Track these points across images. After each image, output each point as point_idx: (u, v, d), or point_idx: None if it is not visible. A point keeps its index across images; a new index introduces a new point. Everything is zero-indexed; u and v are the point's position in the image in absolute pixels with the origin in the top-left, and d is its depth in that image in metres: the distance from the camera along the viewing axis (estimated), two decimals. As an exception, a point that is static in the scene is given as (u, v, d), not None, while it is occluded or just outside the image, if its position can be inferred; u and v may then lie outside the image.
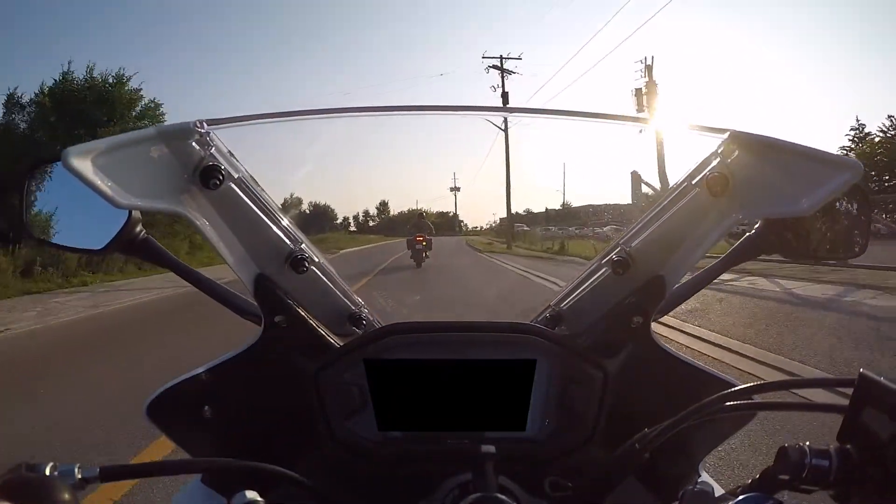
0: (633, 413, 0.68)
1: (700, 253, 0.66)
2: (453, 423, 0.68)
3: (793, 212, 0.58)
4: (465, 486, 0.60)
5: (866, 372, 0.45)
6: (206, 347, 4.14)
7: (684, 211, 0.65)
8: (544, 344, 0.68)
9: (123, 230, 0.67)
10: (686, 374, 0.70)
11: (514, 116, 0.77)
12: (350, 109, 0.67)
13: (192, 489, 0.68)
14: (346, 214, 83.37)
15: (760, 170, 0.58)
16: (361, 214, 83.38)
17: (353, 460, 0.68)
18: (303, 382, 0.68)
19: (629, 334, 0.69)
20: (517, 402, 0.68)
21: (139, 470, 0.49)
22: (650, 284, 0.68)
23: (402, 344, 0.67)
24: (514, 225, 33.62)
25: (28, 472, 0.41)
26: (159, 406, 0.65)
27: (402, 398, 0.67)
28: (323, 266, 0.74)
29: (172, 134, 0.57)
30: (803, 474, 0.44)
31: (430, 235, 13.32)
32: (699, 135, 0.62)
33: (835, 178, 0.53)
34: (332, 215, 70.01)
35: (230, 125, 0.60)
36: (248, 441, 0.69)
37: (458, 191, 65.86)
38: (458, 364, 0.67)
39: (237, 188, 0.63)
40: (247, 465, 0.53)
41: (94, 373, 4.50)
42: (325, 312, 0.76)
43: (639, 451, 0.58)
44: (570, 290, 0.80)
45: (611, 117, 0.65)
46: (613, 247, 0.73)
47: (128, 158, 0.54)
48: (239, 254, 0.67)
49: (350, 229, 75.93)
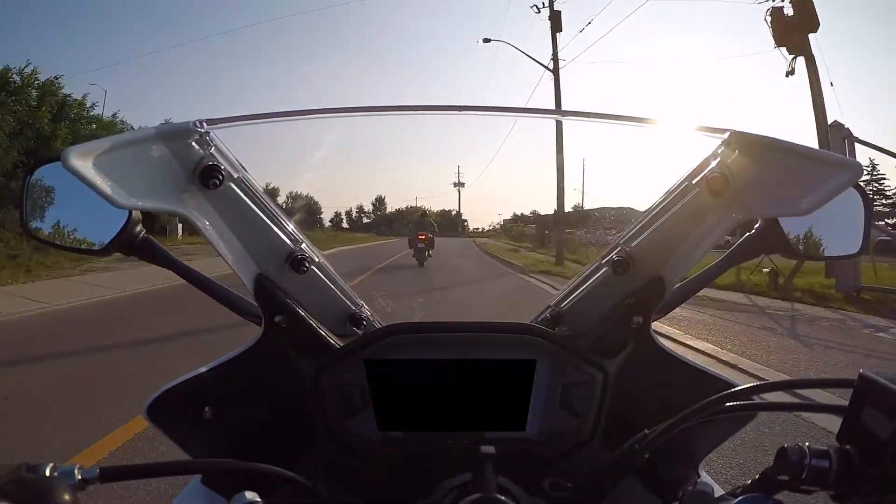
0: (633, 413, 0.68)
1: (700, 253, 0.66)
2: (453, 424, 0.68)
3: (793, 212, 0.58)
4: (465, 486, 0.60)
5: (866, 372, 0.45)
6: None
7: (684, 211, 0.65)
8: (544, 344, 0.68)
9: (123, 230, 0.67)
10: (686, 375, 0.70)
11: (523, 116, 0.77)
12: (350, 109, 0.67)
13: (192, 490, 0.68)
14: (338, 209, 77.35)
15: (760, 170, 0.58)
16: (355, 210, 79.36)
17: (353, 460, 0.68)
18: (303, 383, 0.68)
19: (629, 334, 0.69)
20: (517, 403, 0.68)
21: (139, 471, 0.49)
22: (650, 284, 0.68)
23: (402, 344, 0.67)
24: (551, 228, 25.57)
25: (28, 472, 0.41)
26: (159, 407, 0.65)
27: (403, 398, 0.67)
28: (323, 266, 0.74)
29: (172, 134, 0.57)
30: (803, 475, 0.44)
31: (432, 234, 13.30)
32: (699, 135, 0.62)
33: (835, 178, 0.53)
34: (315, 209, 60.69)
35: (230, 125, 0.60)
36: (248, 441, 0.69)
37: (462, 186, 62.12)
38: (458, 364, 0.67)
39: (237, 188, 0.63)
40: (247, 465, 0.53)
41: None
42: (326, 312, 0.76)
43: (639, 451, 0.58)
44: (569, 290, 0.80)
45: (615, 118, 0.65)
46: (613, 247, 0.73)
47: (128, 158, 0.54)
48: (239, 254, 0.67)
49: (343, 226, 71.32)
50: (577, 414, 0.68)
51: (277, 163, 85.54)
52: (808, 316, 7.10)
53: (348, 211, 78.68)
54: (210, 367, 0.67)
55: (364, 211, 79.52)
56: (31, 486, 0.38)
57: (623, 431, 0.62)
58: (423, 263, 12.68)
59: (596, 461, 0.66)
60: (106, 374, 4.09)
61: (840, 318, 6.93)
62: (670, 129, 0.66)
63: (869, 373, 0.44)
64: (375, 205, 78.98)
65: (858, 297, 8.10)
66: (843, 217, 0.69)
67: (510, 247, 27.99)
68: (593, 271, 0.76)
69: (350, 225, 74.49)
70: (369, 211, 79.41)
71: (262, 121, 0.63)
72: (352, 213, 78.53)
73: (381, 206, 78.14)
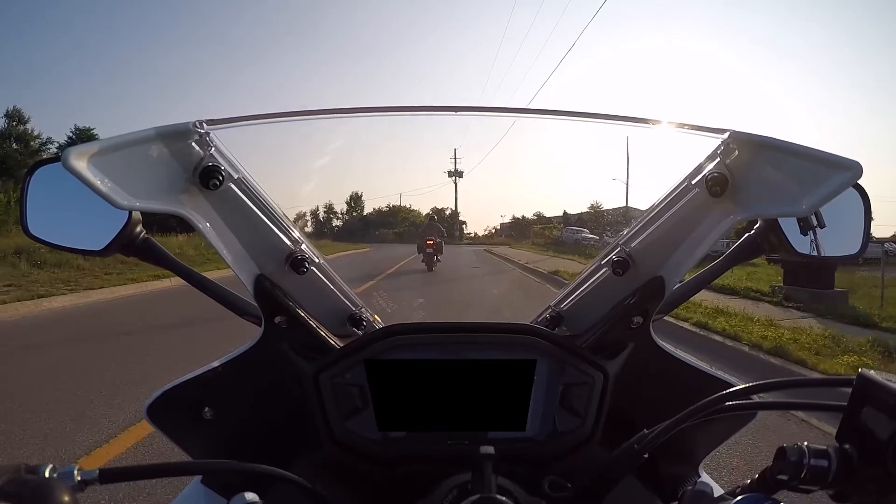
0: (633, 413, 0.68)
1: (700, 253, 0.66)
2: (453, 424, 0.68)
3: (793, 212, 0.58)
4: (465, 486, 0.60)
5: (865, 372, 0.45)
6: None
7: (684, 211, 0.65)
8: (544, 344, 0.68)
9: (123, 231, 0.67)
10: (686, 374, 0.70)
11: (523, 116, 0.77)
12: (350, 110, 0.67)
13: (192, 490, 0.68)
14: (302, 209, 49.65)
15: (760, 170, 0.58)
16: (322, 210, 54.87)
17: (353, 461, 0.68)
18: (303, 383, 0.68)
19: (629, 334, 0.70)
20: (517, 403, 0.68)
21: (138, 472, 0.49)
22: (650, 285, 0.68)
23: (402, 345, 0.67)
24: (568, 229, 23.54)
25: (28, 473, 0.41)
26: (159, 407, 0.65)
27: (403, 398, 0.67)
28: (323, 267, 0.74)
29: (172, 134, 0.57)
30: (802, 474, 0.44)
31: (440, 238, 13.64)
32: (699, 135, 0.62)
33: (834, 178, 0.53)
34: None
35: (230, 125, 0.60)
36: (248, 442, 0.69)
37: (459, 177, 45.75)
38: (458, 364, 0.67)
39: (237, 188, 0.63)
40: (246, 466, 0.53)
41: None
42: (325, 313, 0.76)
43: (638, 451, 0.58)
44: (570, 290, 0.80)
45: (615, 118, 0.65)
46: (613, 247, 0.73)
47: (128, 159, 0.54)
48: (239, 254, 0.67)
49: (306, 230, 59.75)
50: (577, 414, 0.68)
51: (279, 163, 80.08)
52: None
53: (314, 211, 54.67)
54: (210, 368, 0.67)
55: (334, 211, 57.05)
56: (30, 487, 0.38)
57: (623, 431, 0.62)
58: (432, 268, 12.95)
59: (596, 461, 0.66)
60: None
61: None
62: (670, 129, 0.66)
63: (868, 372, 0.44)
64: (350, 204, 56.97)
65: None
66: (843, 217, 0.69)
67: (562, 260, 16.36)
68: (593, 271, 0.76)
69: (315, 230, 51.99)
70: (342, 212, 57.28)
71: (261, 121, 0.63)
72: (318, 214, 55.46)
73: (358, 206, 56.95)
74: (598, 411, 0.68)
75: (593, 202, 37.18)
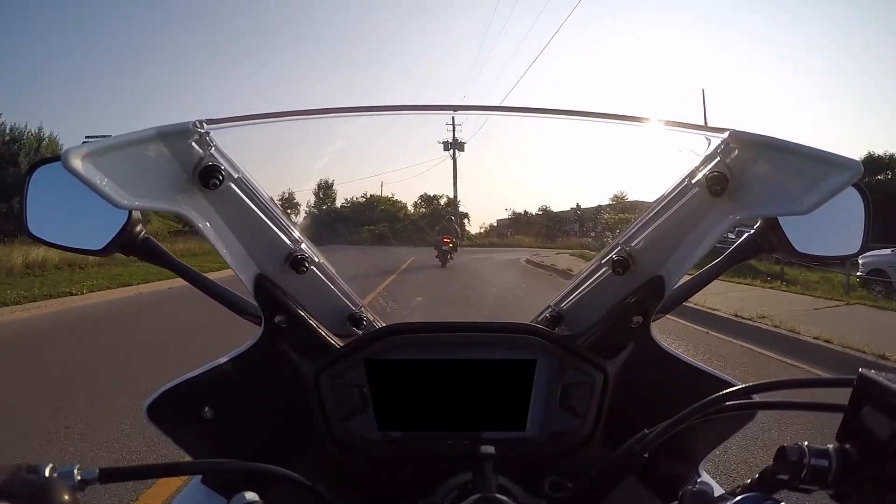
0: (632, 413, 0.68)
1: (700, 253, 0.66)
2: (453, 423, 0.68)
3: (793, 211, 0.58)
4: (465, 486, 0.60)
5: (865, 371, 0.45)
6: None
7: (684, 210, 0.65)
8: (544, 344, 0.68)
9: (123, 230, 0.67)
10: (686, 374, 0.70)
11: (523, 116, 0.77)
12: (349, 109, 0.67)
13: (192, 490, 0.68)
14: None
15: (760, 169, 0.58)
16: (282, 200, 34.84)
17: (353, 460, 0.68)
18: (303, 383, 0.68)
19: (629, 334, 0.69)
20: (517, 403, 0.68)
21: (138, 471, 0.49)
22: (650, 284, 0.68)
23: (402, 345, 0.67)
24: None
25: (28, 473, 0.41)
26: (159, 407, 0.64)
27: (403, 398, 0.67)
28: (323, 266, 0.74)
29: (172, 134, 0.57)
30: (802, 474, 0.44)
31: (456, 238, 14.11)
32: (699, 134, 0.62)
33: (835, 178, 0.53)
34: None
35: (230, 125, 0.60)
36: (248, 442, 0.69)
37: (460, 150, 31.35)
38: (458, 364, 0.67)
39: (237, 188, 0.63)
40: (247, 465, 0.53)
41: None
42: (325, 313, 0.76)
43: (639, 451, 0.58)
44: (569, 290, 0.80)
45: (615, 117, 0.65)
46: (613, 246, 0.72)
47: (128, 158, 0.54)
48: (239, 254, 0.67)
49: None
50: (577, 414, 0.68)
51: (278, 163, 75.11)
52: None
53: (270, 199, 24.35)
54: (210, 367, 0.67)
55: (294, 202, 41.00)
56: (30, 487, 0.38)
57: (623, 431, 0.62)
58: (445, 264, 13.26)
59: (596, 461, 0.66)
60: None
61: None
62: (671, 129, 0.66)
63: (868, 372, 0.44)
64: (319, 195, 41.93)
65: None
66: (843, 216, 0.69)
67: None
68: (593, 271, 0.76)
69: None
70: (309, 204, 41.54)
71: (261, 121, 0.63)
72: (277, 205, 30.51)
73: (328, 198, 40.72)
74: (598, 411, 0.68)
75: (617, 192, 29.62)
